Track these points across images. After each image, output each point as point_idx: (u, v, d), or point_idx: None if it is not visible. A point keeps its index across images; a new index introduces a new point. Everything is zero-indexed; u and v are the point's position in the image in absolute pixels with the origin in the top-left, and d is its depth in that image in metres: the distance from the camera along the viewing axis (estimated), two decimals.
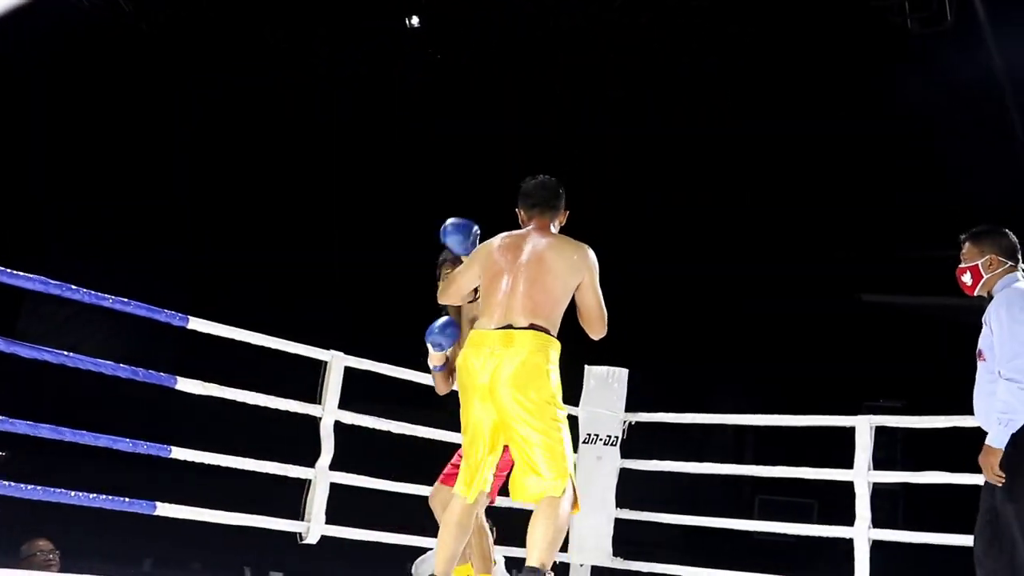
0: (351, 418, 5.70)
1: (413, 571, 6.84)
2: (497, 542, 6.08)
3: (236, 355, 6.36)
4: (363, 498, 5.96)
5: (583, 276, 4.21)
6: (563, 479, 4.01)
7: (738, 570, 6.11)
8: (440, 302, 4.58)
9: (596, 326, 4.25)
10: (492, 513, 5.01)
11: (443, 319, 4.67)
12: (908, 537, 5.92)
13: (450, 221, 4.60)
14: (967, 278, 4.32)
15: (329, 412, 5.61)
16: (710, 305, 13.85)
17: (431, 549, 6.55)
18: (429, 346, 4.72)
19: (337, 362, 5.65)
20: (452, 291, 4.46)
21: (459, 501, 4.19)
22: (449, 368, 4.81)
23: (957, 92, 12.61)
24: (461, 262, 4.64)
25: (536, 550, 3.92)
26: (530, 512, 4.07)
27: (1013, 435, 4.00)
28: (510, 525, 5.07)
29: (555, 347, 4.14)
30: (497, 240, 4.36)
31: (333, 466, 5.59)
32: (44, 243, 13.34)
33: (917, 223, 13.46)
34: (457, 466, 4.86)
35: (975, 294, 4.33)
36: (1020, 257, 4.29)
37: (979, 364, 4.21)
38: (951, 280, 4.51)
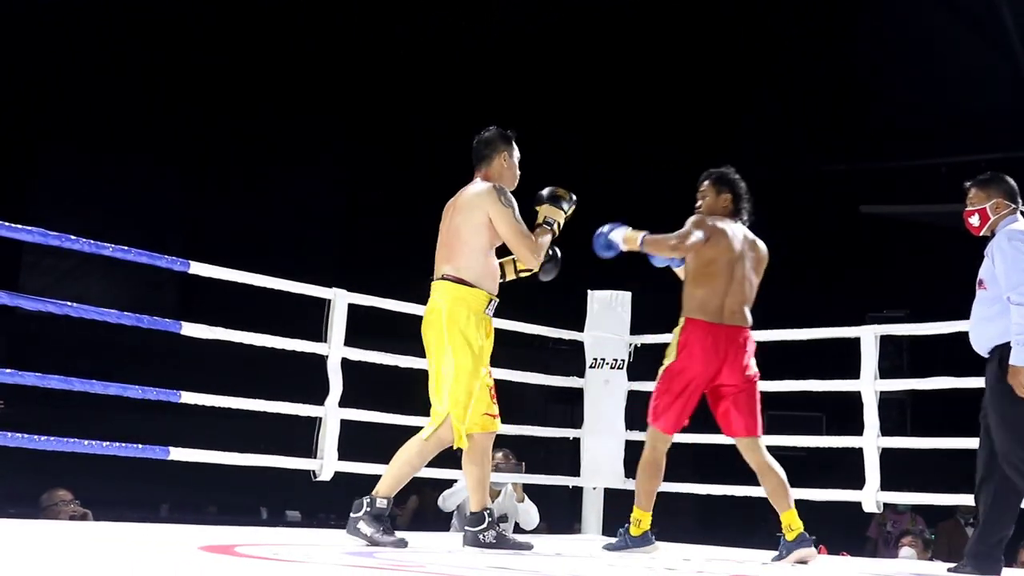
0: (357, 354, 5.71)
1: (441, 504, 6.90)
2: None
3: (238, 299, 6.36)
4: (374, 433, 5.99)
5: (485, 212, 4.38)
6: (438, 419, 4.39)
7: (749, 485, 6.15)
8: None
9: (520, 255, 4.47)
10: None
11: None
12: (917, 443, 5.96)
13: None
14: (975, 220, 4.68)
15: (335, 349, 5.61)
16: None
17: (456, 481, 6.62)
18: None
19: (340, 299, 5.65)
20: None
21: None
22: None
23: None
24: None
25: None
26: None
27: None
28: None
29: (461, 294, 4.36)
30: None
31: (342, 403, 5.61)
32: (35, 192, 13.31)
33: (911, 131, 13.41)
34: (662, 406, 4.88)
35: (981, 234, 4.69)
36: (1019, 200, 4.67)
37: (979, 292, 4.60)
38: (948, 187, 4.74)
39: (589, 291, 6.61)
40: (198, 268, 5.22)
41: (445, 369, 4.38)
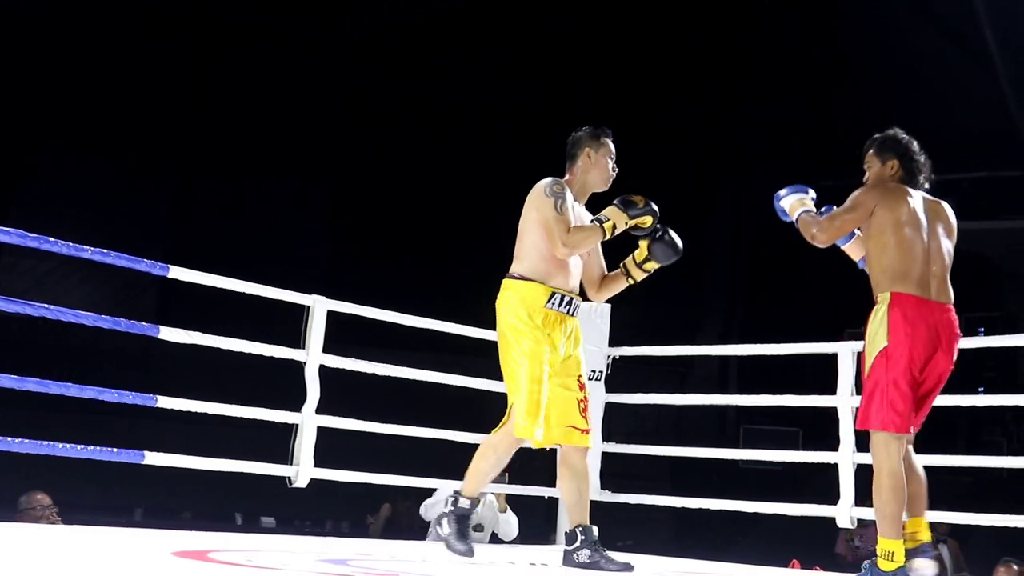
0: (335, 362, 5.70)
1: (423, 513, 6.87)
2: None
3: (220, 301, 6.34)
4: (350, 440, 5.98)
5: (532, 210, 4.43)
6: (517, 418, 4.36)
7: (726, 498, 6.17)
8: None
9: (549, 238, 4.39)
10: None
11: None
12: None
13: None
14: None
15: (313, 356, 5.59)
16: (693, 237, 13.83)
17: (436, 490, 6.59)
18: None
19: (319, 306, 5.63)
20: None
21: None
22: None
23: (928, 9, 12.53)
24: None
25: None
26: None
27: None
28: None
29: (513, 288, 4.42)
30: None
31: (319, 410, 5.59)
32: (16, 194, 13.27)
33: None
34: (886, 403, 4.10)
35: None
36: None
37: None
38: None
39: None
40: (177, 272, 5.19)
41: (505, 363, 4.44)
